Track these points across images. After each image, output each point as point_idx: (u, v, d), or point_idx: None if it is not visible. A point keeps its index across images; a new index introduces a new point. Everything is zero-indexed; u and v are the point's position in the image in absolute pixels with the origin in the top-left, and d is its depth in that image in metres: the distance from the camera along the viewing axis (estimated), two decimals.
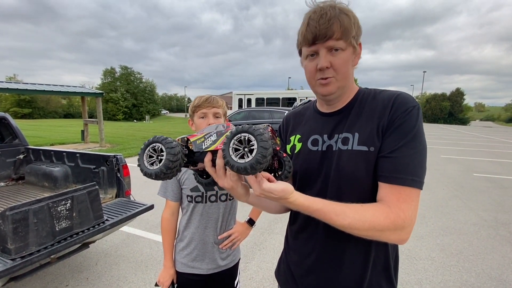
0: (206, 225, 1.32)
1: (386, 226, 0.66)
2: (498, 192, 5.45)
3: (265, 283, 2.51)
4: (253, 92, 15.38)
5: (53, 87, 10.35)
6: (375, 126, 0.75)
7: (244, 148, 0.60)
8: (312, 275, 0.86)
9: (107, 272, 2.64)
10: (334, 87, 0.77)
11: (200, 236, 1.31)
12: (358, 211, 0.68)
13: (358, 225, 0.67)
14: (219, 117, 1.27)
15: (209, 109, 1.24)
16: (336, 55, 0.74)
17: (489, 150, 11.91)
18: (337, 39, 0.72)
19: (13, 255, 1.61)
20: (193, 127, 1.31)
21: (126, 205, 2.56)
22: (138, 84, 43.09)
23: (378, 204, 0.70)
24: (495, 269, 2.76)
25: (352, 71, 0.79)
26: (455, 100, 49.46)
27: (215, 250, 1.33)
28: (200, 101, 1.25)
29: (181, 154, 0.66)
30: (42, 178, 3.20)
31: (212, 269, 1.33)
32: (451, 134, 21.09)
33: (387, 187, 0.70)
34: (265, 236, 3.40)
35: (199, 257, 1.32)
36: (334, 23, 0.70)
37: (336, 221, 0.68)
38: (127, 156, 8.49)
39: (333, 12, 0.71)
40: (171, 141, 0.66)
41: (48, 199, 1.79)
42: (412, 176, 0.68)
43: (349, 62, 0.76)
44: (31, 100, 40.83)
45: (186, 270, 1.33)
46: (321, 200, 0.69)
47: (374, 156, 0.74)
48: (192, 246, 1.32)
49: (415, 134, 0.70)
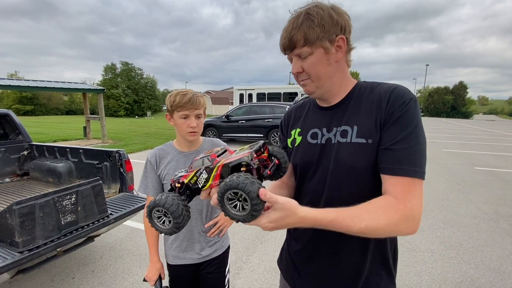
0: (190, 217, 1.35)
1: (398, 218, 0.67)
2: (499, 185, 5.45)
3: (267, 275, 2.55)
4: (254, 87, 15.33)
5: (54, 84, 10.38)
6: (373, 119, 0.77)
7: (238, 199, 0.60)
8: (312, 263, 0.89)
9: (112, 265, 2.70)
10: (312, 87, 0.83)
11: (187, 228, 1.31)
12: (370, 211, 0.68)
13: (375, 225, 0.66)
14: (200, 117, 1.28)
15: (191, 111, 1.23)
16: (305, 60, 0.80)
17: (492, 144, 11.85)
18: (301, 46, 0.77)
19: (20, 248, 1.65)
20: (171, 122, 1.30)
21: (130, 200, 2.60)
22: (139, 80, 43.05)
23: (385, 198, 0.71)
24: (494, 261, 2.78)
25: (332, 68, 0.80)
26: (458, 93, 49.01)
27: (202, 239, 1.36)
28: (181, 102, 1.21)
29: (182, 208, 0.68)
30: (46, 174, 3.25)
31: (203, 257, 1.36)
32: (453, 128, 20.97)
33: (391, 179, 0.72)
34: None
35: (189, 247, 1.35)
36: (295, 35, 0.77)
37: (354, 227, 0.66)
38: (130, 152, 8.55)
39: (296, 23, 0.76)
40: (170, 203, 0.67)
41: (54, 194, 1.82)
42: (414, 167, 0.70)
43: (320, 63, 0.79)
44: (33, 97, 40.94)
45: (178, 262, 1.36)
46: (330, 209, 0.68)
47: (372, 148, 0.76)
48: (180, 238, 1.35)
49: (415, 126, 0.72)
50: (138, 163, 7.14)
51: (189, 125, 1.24)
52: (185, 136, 1.28)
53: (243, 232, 3.37)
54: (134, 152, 8.82)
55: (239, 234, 3.33)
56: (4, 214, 1.67)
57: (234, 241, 3.16)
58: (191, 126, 1.24)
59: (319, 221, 0.67)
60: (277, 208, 0.63)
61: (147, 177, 1.33)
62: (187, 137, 1.28)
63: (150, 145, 10.11)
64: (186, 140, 1.31)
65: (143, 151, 9.19)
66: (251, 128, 9.83)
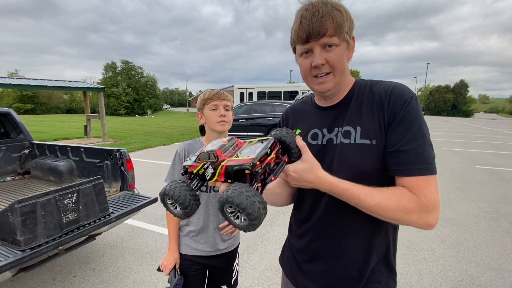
0: (209, 212, 1.40)
1: (411, 208, 0.69)
2: (500, 184, 5.45)
3: (268, 273, 2.56)
4: (255, 85, 15.31)
5: (55, 82, 10.38)
6: (376, 119, 0.76)
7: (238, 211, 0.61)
8: (316, 261, 0.88)
9: (113, 263, 2.71)
10: (331, 84, 0.78)
11: (204, 222, 1.40)
12: (384, 193, 0.71)
13: (385, 206, 0.69)
14: (228, 109, 1.36)
15: (220, 101, 1.33)
16: (330, 51, 0.74)
17: (493, 143, 11.84)
18: (331, 35, 0.72)
19: (22, 247, 1.66)
20: (202, 120, 1.39)
21: (131, 198, 2.60)
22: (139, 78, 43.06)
23: (400, 188, 0.72)
24: (494, 259, 2.79)
25: (347, 65, 0.81)
26: (459, 92, 48.90)
27: (216, 235, 1.42)
28: (211, 94, 1.34)
29: (190, 198, 0.70)
30: (47, 172, 3.26)
31: (214, 251, 1.42)
32: (454, 127, 20.94)
33: (406, 180, 0.72)
34: (267, 228, 3.45)
35: (202, 240, 1.40)
36: (327, 20, 0.71)
37: (364, 201, 0.70)
38: (130, 150, 8.55)
39: (325, 9, 0.71)
40: (178, 195, 0.70)
41: (55, 192, 1.83)
42: (426, 165, 0.71)
43: (344, 57, 0.77)
44: (33, 95, 41.00)
45: (190, 252, 1.41)
46: (346, 181, 0.72)
47: (376, 149, 0.75)
48: (197, 230, 1.40)
49: (420, 123, 0.73)
50: (138, 161, 7.15)
51: (219, 115, 1.32)
52: (215, 126, 1.33)
53: None
54: (134, 150, 8.82)
55: (239, 232, 3.33)
56: (6, 213, 1.68)
57: None
58: (221, 115, 1.32)
59: (334, 186, 0.71)
60: (304, 159, 0.71)
61: (175, 169, 1.39)
62: (217, 127, 1.33)
63: (151, 144, 10.12)
64: (216, 131, 1.35)
65: (143, 149, 9.20)
66: (251, 126, 9.83)
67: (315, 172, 0.70)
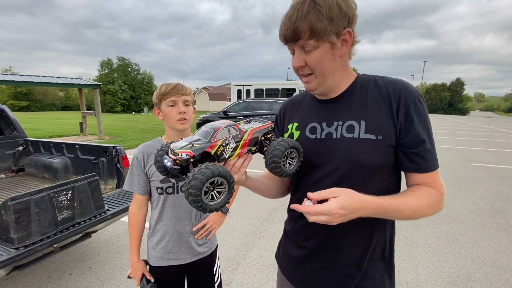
0: (179, 216, 1.28)
1: (437, 202, 0.76)
2: (495, 181, 5.50)
3: (265, 270, 2.56)
4: (252, 83, 15.26)
5: (50, 79, 10.23)
6: (383, 115, 0.75)
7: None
8: (314, 258, 0.87)
9: (109, 261, 2.69)
10: (314, 84, 0.79)
11: (174, 228, 1.27)
12: (415, 197, 0.74)
13: (421, 208, 0.73)
14: (189, 104, 1.23)
15: (178, 96, 1.19)
16: (309, 54, 0.73)
17: (488, 140, 11.94)
18: (306, 39, 0.70)
19: (16, 244, 1.63)
20: (160, 116, 1.26)
21: (127, 196, 2.58)
22: (136, 75, 42.68)
23: (423, 187, 0.77)
24: (490, 256, 2.81)
25: (336, 64, 0.76)
26: (455, 90, 49.21)
27: (191, 239, 1.30)
28: (167, 89, 1.19)
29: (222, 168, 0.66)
30: (42, 170, 3.21)
31: (190, 257, 1.31)
32: (450, 124, 21.09)
33: (420, 176, 0.77)
34: (264, 225, 3.45)
35: (175, 249, 1.28)
36: (300, 25, 0.69)
37: (404, 211, 0.71)
38: (127, 147, 8.49)
39: (301, 12, 0.68)
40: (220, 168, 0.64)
41: (49, 189, 1.80)
42: (435, 161, 0.76)
43: (325, 58, 0.73)
44: (28, 92, 40.48)
45: (163, 263, 1.29)
46: (382, 197, 0.71)
47: (381, 144, 0.75)
48: (166, 238, 1.28)
49: (429, 121, 0.76)
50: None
51: (178, 112, 1.19)
52: (175, 125, 1.21)
53: (241, 227, 3.37)
54: (131, 148, 8.76)
55: (237, 229, 3.33)
56: None
57: (232, 236, 3.16)
58: (180, 112, 1.19)
59: (379, 204, 0.70)
60: (336, 192, 0.67)
61: (133, 174, 1.28)
62: (177, 125, 1.20)
63: (147, 141, 10.04)
64: (176, 130, 1.22)
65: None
66: None
67: (353, 195, 0.67)
